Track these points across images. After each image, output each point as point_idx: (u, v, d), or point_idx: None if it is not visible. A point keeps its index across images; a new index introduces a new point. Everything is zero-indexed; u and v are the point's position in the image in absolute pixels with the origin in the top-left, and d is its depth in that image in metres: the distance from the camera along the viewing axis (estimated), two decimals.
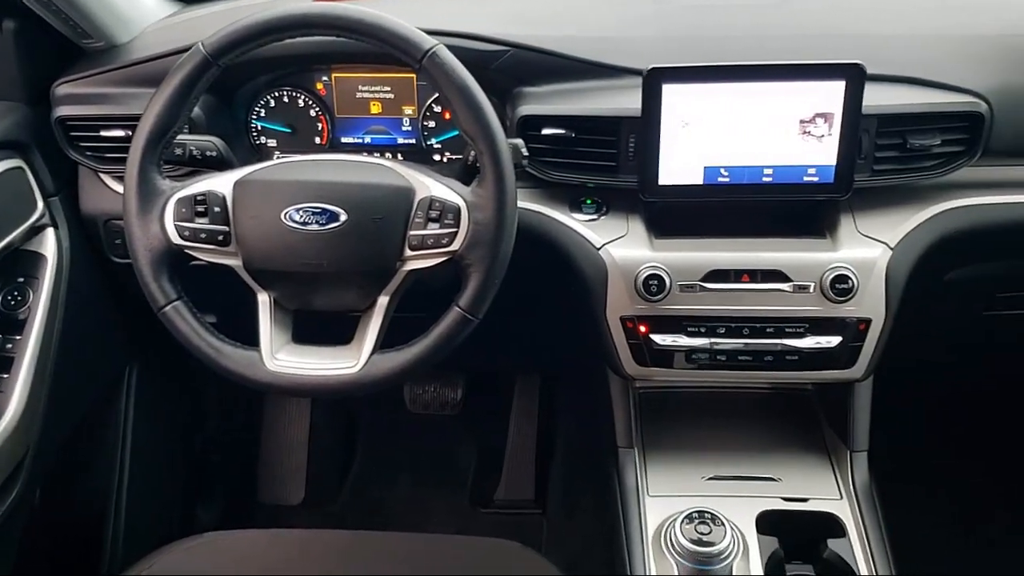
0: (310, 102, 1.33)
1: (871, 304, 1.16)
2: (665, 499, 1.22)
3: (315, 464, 2.06)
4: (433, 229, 1.03)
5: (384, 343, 1.07)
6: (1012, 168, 1.24)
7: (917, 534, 1.78)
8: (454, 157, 1.34)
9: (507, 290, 1.13)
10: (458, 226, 1.02)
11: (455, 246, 1.03)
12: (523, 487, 2.01)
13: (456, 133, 1.31)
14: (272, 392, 1.19)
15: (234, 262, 1.06)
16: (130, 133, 1.06)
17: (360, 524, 1.93)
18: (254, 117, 1.35)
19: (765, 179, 1.17)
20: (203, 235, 1.04)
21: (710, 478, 1.26)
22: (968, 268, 1.33)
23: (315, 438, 2.07)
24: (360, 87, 1.33)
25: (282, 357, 1.06)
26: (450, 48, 1.03)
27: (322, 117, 1.34)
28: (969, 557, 1.66)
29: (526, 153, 1.10)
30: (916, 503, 1.77)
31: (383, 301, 1.06)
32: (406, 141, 1.35)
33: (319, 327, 1.10)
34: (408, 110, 1.33)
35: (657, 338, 1.20)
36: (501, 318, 1.50)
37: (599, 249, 1.21)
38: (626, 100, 1.17)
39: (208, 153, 1.12)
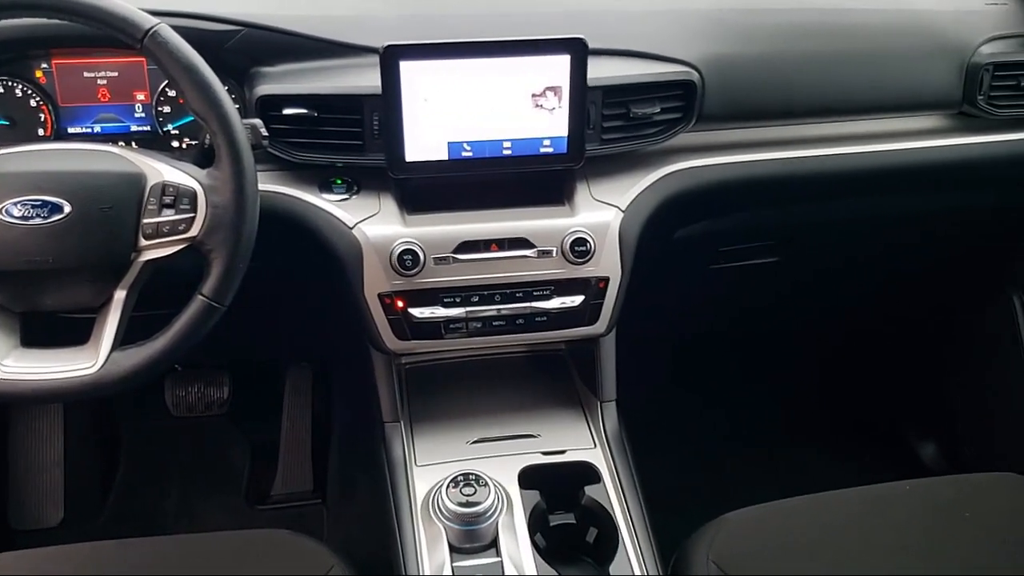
0: (29, 91, 1.23)
1: (608, 263, 1.24)
2: (432, 467, 1.25)
3: (73, 481, 1.92)
4: (168, 215, 0.99)
5: (132, 341, 1.02)
6: (724, 132, 1.36)
7: (666, 476, 1.93)
8: (194, 143, 1.29)
9: (263, 276, 1.11)
10: (195, 211, 1.00)
11: (193, 232, 1.00)
12: (301, 479, 1.98)
13: (194, 118, 1.27)
14: (3, 401, 1.11)
15: None
16: None
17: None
18: None
19: (505, 152, 1.21)
20: None
21: (474, 441, 1.30)
22: (694, 226, 1.45)
23: (71, 454, 1.94)
24: (85, 73, 1.25)
25: (10, 363, 0.99)
26: (179, 29, 1.00)
27: (44, 107, 1.24)
28: (712, 493, 1.82)
29: (265, 134, 1.08)
30: (665, 448, 1.91)
31: (120, 295, 1.01)
32: (140, 128, 1.28)
33: (55, 329, 1.03)
34: (140, 96, 1.27)
35: (415, 312, 1.22)
36: (261, 306, 1.48)
37: (352, 228, 1.21)
38: (367, 78, 1.18)
39: None
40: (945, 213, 1.60)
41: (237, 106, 1.03)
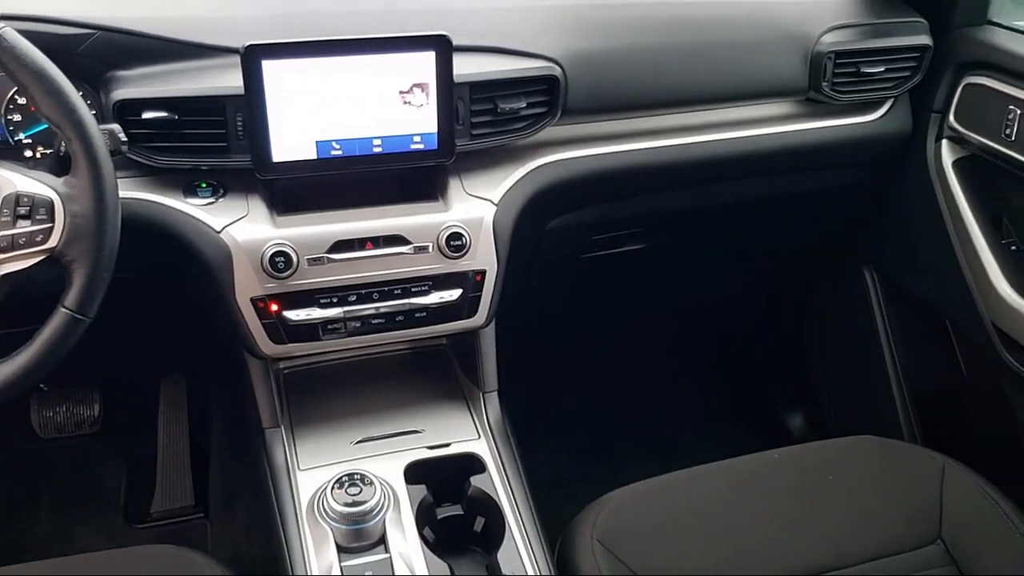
0: None
1: (484, 256, 1.26)
2: (316, 470, 1.24)
3: None
4: (24, 227, 0.95)
5: None
6: (589, 124, 1.39)
7: (554, 463, 1.98)
8: (48, 151, 1.24)
9: (130, 287, 1.07)
10: (53, 221, 0.96)
11: (52, 242, 0.96)
12: (181, 494, 1.92)
13: (48, 126, 1.21)
14: None
15: None
16: None
17: None
18: None
19: (375, 150, 1.21)
20: None
21: (359, 441, 1.30)
22: (565, 216, 1.48)
23: None
24: None
25: None
26: (26, 33, 0.96)
27: None
28: (597, 476, 1.87)
29: (124, 139, 1.05)
30: (551, 435, 1.96)
31: None
32: None
33: None
34: None
35: (290, 314, 1.21)
36: (129, 318, 1.43)
37: (219, 232, 1.18)
38: (228, 79, 1.16)
39: None
40: (801, 195, 1.68)
41: (93, 112, 1.00)
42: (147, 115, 1.14)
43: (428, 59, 1.17)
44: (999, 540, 1.23)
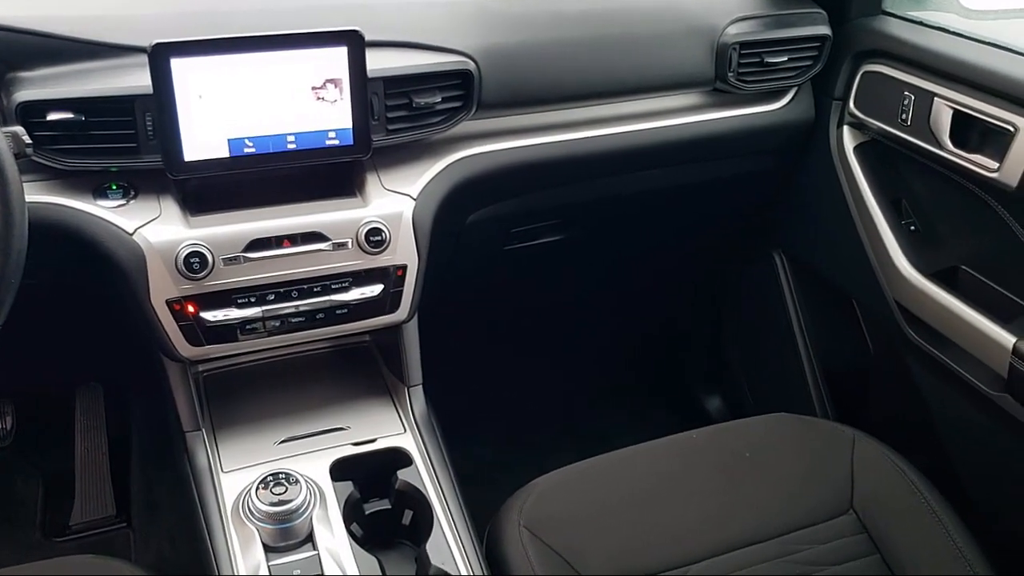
0: None
1: (404, 251, 1.26)
2: (240, 472, 1.23)
3: None
4: None
5: None
6: (505, 118, 1.41)
7: (482, 453, 1.99)
8: None
9: (40, 295, 1.05)
10: None
11: None
12: (102, 504, 1.88)
13: None
14: None
15: None
16: None
17: None
18: None
19: (290, 146, 1.20)
20: None
21: (283, 441, 1.29)
22: (485, 209, 1.49)
23: None
24: None
25: None
26: None
27: None
28: (525, 465, 1.88)
29: (29, 141, 1.03)
30: (478, 427, 1.97)
31: None
32: None
33: None
34: None
35: (208, 315, 1.19)
36: (41, 327, 1.40)
37: (132, 234, 1.16)
38: (136, 78, 1.14)
39: None
40: (711, 183, 1.73)
41: None
42: (52, 116, 1.11)
43: (340, 54, 1.17)
44: (906, 508, 1.29)
